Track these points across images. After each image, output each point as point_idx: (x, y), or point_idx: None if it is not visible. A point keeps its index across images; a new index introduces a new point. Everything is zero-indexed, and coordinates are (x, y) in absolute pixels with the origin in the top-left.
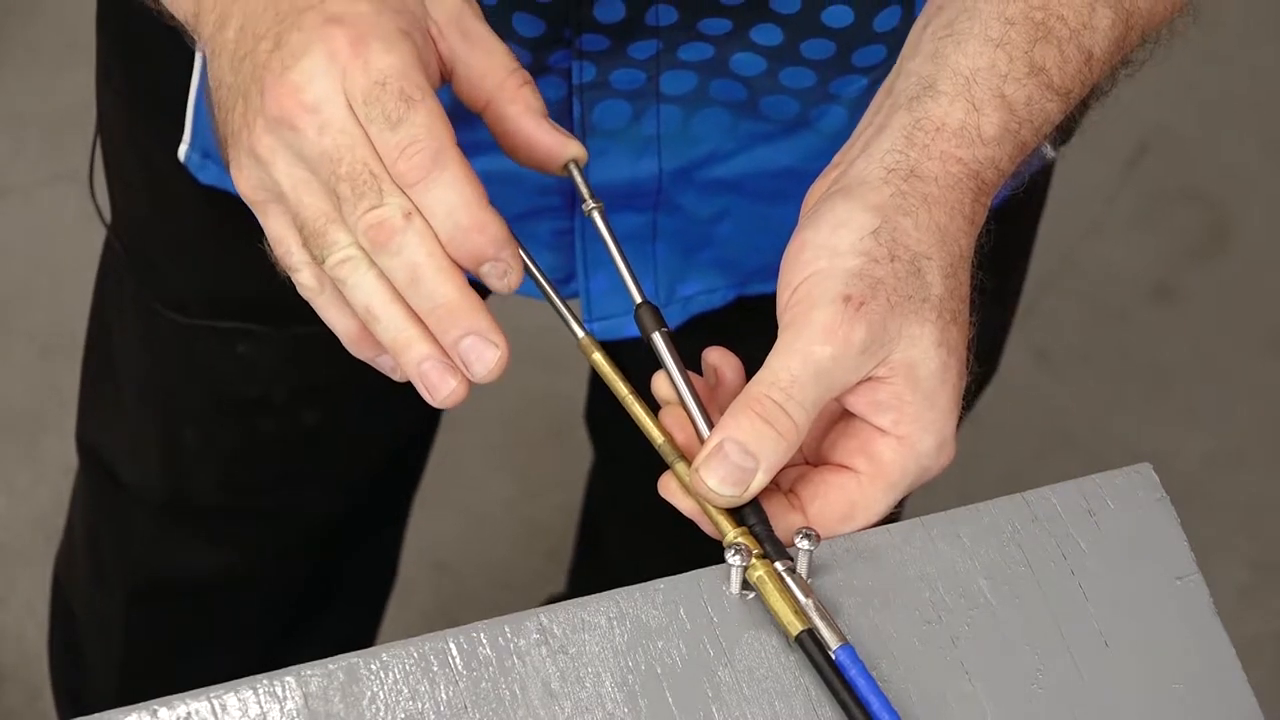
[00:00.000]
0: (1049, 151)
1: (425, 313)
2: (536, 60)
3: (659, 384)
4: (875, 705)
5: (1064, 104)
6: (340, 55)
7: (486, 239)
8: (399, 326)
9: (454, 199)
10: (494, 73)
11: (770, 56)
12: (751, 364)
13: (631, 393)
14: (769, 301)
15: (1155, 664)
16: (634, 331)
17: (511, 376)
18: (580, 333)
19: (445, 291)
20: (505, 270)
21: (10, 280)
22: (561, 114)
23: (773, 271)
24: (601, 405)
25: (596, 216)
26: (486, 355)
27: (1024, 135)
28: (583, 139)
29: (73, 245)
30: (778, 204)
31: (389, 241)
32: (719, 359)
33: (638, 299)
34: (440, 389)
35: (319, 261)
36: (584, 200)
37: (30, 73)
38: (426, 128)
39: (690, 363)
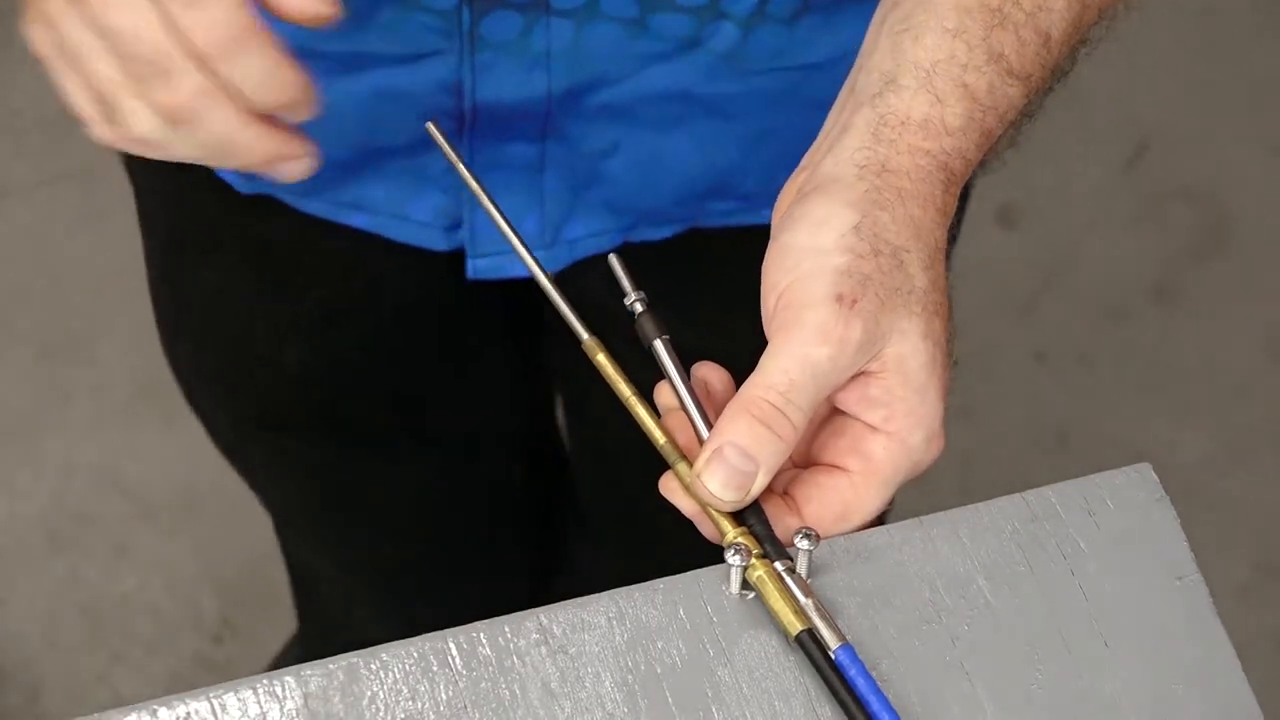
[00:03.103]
0: None
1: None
2: None
3: (662, 391)
4: (875, 705)
5: (1025, 88)
6: None
7: (290, 89)
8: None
9: (259, 65)
10: None
11: None
12: (622, 318)
13: (634, 394)
14: (652, 250)
15: (1155, 664)
16: (520, 271)
17: None
18: (585, 335)
19: (255, 136)
20: (303, 103)
21: (10, 280)
22: (450, 25)
23: (659, 216)
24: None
25: (638, 306)
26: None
27: (988, 123)
28: (471, 52)
29: (73, 245)
30: (669, 132)
31: (189, 120)
32: (708, 373)
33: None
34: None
35: (117, 127)
36: (625, 294)
37: (30, 73)
38: (223, 4)
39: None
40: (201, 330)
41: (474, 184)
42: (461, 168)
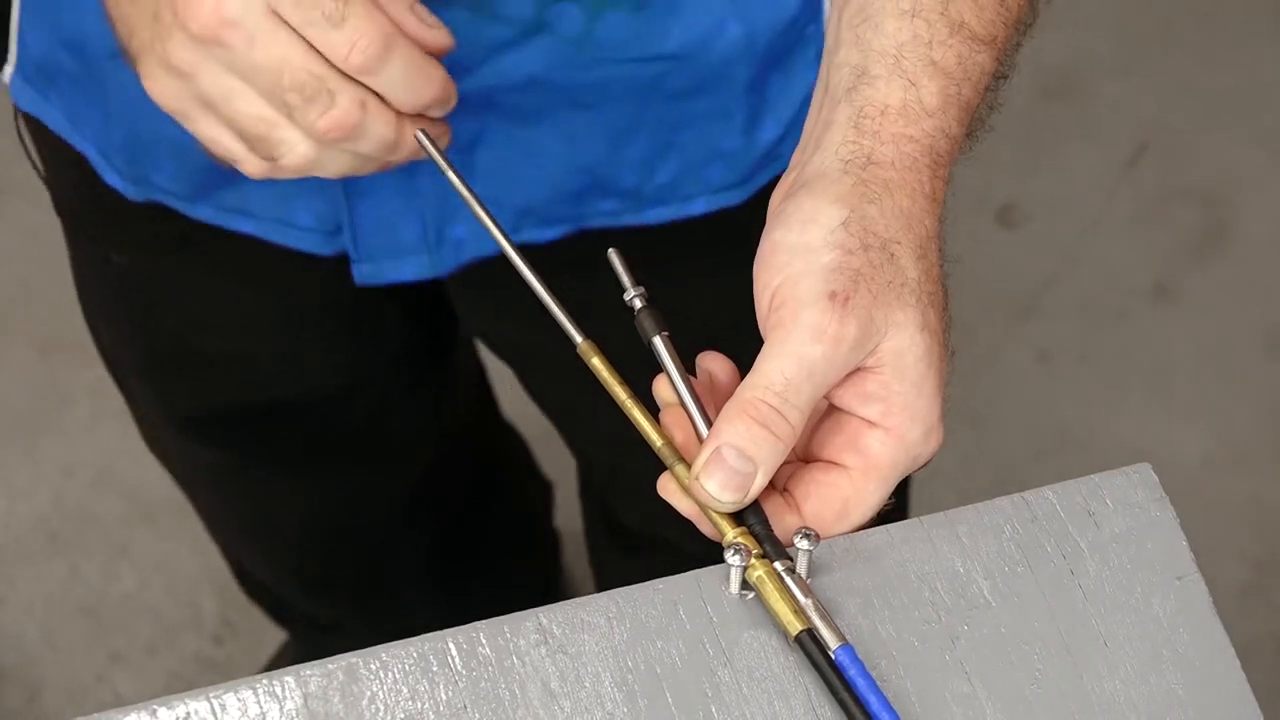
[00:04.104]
0: None
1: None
2: None
3: (660, 387)
4: (874, 705)
5: (993, 51)
6: None
7: (437, 86)
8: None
9: (408, 68)
10: None
11: None
12: (522, 311)
13: (630, 397)
14: (544, 251)
15: (1155, 664)
16: (404, 275)
17: (508, 377)
18: (579, 338)
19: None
20: (448, 98)
21: (10, 280)
22: None
23: (541, 216)
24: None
25: (637, 302)
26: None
27: (965, 94)
28: None
29: None
30: (532, 123)
31: (351, 134)
32: (713, 364)
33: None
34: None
35: (270, 160)
36: (625, 289)
37: None
38: (369, 18)
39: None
40: (118, 320)
41: (463, 189)
42: (452, 175)
